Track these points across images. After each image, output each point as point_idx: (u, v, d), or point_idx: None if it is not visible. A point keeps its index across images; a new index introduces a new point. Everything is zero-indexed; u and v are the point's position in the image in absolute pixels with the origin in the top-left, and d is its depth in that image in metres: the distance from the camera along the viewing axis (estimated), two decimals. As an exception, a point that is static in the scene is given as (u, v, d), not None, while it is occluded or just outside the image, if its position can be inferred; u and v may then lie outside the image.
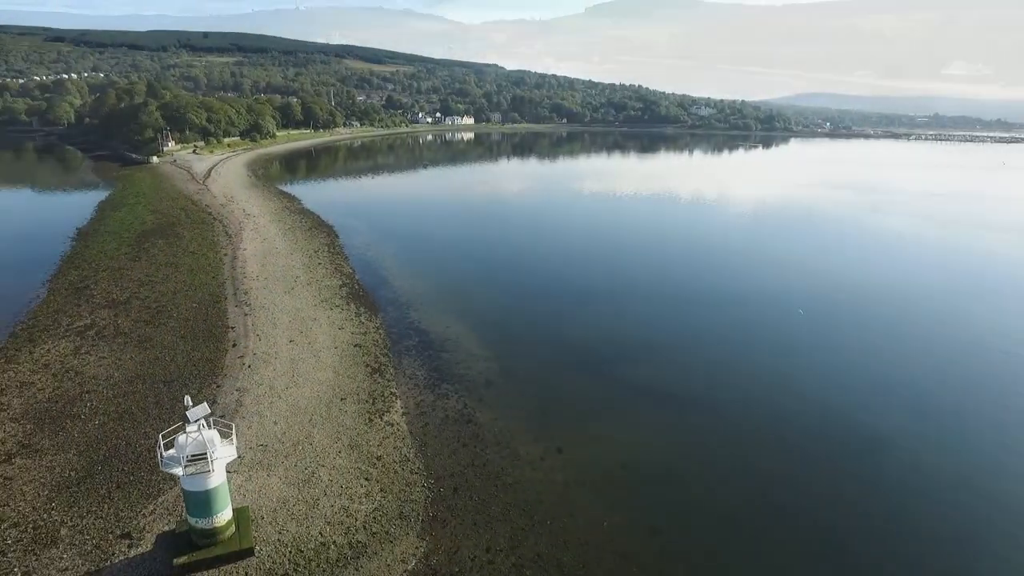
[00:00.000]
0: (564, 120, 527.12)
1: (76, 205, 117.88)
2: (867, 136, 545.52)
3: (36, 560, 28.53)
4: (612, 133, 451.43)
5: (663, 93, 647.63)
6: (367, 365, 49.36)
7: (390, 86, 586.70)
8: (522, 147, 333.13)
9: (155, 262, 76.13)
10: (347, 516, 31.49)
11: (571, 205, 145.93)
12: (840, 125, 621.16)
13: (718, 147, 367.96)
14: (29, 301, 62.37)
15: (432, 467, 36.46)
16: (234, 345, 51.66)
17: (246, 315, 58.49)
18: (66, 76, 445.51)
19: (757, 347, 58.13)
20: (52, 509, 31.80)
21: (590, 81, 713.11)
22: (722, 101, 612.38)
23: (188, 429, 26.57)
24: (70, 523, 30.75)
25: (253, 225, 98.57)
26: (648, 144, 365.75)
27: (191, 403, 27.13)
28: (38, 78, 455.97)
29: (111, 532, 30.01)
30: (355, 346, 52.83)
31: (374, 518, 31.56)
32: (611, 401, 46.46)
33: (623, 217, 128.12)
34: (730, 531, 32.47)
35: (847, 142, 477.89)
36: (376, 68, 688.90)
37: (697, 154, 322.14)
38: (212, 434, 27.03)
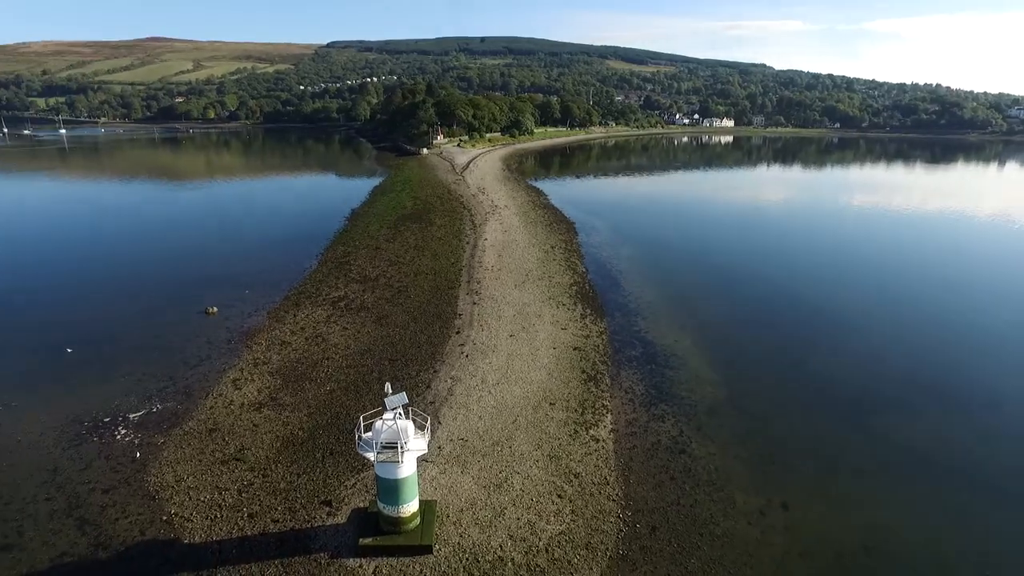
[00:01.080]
0: (836, 124, 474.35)
1: (358, 189, 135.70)
2: None
3: (259, 506, 31.02)
4: (894, 140, 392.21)
5: (970, 93, 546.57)
6: (583, 371, 46.82)
7: (649, 86, 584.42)
8: (784, 153, 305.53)
9: (406, 244, 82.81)
10: (531, 533, 29.20)
11: (834, 220, 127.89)
12: None
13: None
14: (304, 270, 71.73)
15: (632, 497, 32.53)
16: (458, 332, 52.93)
17: (474, 304, 59.93)
18: (368, 80, 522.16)
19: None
20: (279, 461, 34.65)
21: (872, 81, 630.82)
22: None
23: (385, 416, 26.41)
24: (288, 478, 33.09)
25: (498, 217, 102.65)
26: (940, 153, 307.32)
27: (390, 390, 26.99)
28: (349, 82, 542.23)
29: (316, 496, 31.56)
30: (574, 348, 50.69)
31: (559, 542, 28.81)
32: (859, 458, 37.33)
33: (900, 239, 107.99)
34: None
35: None
36: (636, 68, 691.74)
37: (1010, 166, 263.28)
38: (407, 424, 26.59)
